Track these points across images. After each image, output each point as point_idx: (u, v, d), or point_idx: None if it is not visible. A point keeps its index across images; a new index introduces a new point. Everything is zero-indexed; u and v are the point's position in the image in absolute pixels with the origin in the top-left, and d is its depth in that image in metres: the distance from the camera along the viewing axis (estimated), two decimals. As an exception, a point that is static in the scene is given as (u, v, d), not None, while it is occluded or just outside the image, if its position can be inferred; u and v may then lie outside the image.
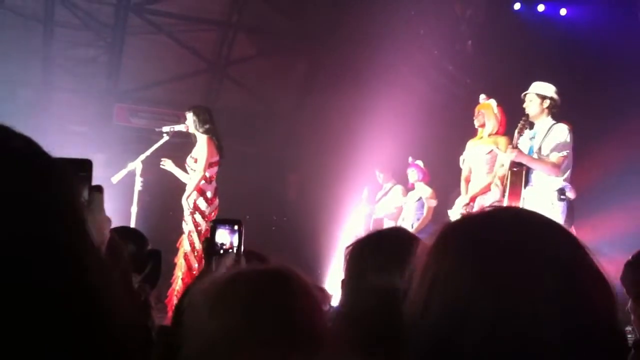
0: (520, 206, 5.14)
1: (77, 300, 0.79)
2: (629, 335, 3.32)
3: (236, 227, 1.92)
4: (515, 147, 5.18)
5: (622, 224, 6.91)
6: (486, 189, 6.05)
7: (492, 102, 6.33)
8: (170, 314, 4.99)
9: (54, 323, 0.76)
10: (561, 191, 5.15)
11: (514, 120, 5.92)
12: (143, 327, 1.58)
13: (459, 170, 6.51)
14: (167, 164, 6.45)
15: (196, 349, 1.18)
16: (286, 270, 1.29)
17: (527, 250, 0.91)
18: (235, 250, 1.90)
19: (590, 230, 6.24)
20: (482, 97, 6.48)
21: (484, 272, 0.90)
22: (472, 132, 6.52)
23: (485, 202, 6.01)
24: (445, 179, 7.95)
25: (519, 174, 5.22)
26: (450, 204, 6.68)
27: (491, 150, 6.08)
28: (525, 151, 5.27)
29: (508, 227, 0.95)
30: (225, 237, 1.89)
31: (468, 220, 1.03)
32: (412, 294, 0.97)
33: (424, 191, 7.68)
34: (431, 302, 0.91)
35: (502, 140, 6.06)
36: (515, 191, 5.22)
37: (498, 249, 0.91)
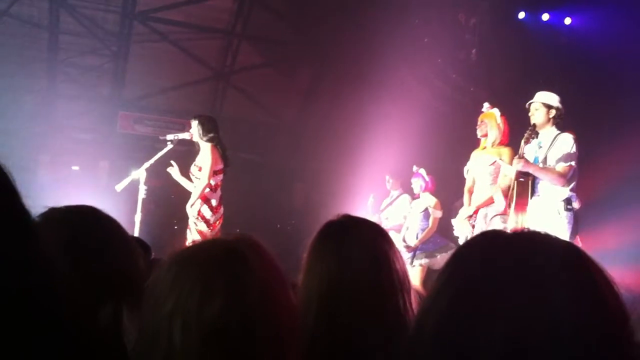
0: (529, 220, 5.13)
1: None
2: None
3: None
4: (522, 157, 5.16)
5: (626, 234, 6.89)
6: (490, 200, 6.02)
7: (496, 112, 6.31)
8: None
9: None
10: (567, 201, 5.12)
11: (517, 129, 5.91)
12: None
13: (463, 179, 6.49)
14: (173, 172, 6.44)
15: (154, 326, 1.16)
16: (248, 245, 1.25)
17: (543, 278, 0.90)
18: None
19: (594, 240, 6.22)
20: (486, 105, 6.46)
21: (496, 298, 0.89)
22: (476, 141, 6.50)
23: (489, 213, 5.98)
24: (449, 187, 7.92)
25: (526, 185, 5.20)
26: (453, 214, 6.66)
27: (494, 162, 6.05)
28: (531, 160, 5.25)
29: (525, 254, 0.94)
30: None
31: (484, 242, 1.00)
32: (422, 313, 0.97)
33: (429, 201, 7.65)
34: (450, 321, 0.91)
35: (506, 151, 6.04)
36: (521, 201, 5.19)
37: (513, 276, 0.90)
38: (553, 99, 5.35)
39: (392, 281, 1.79)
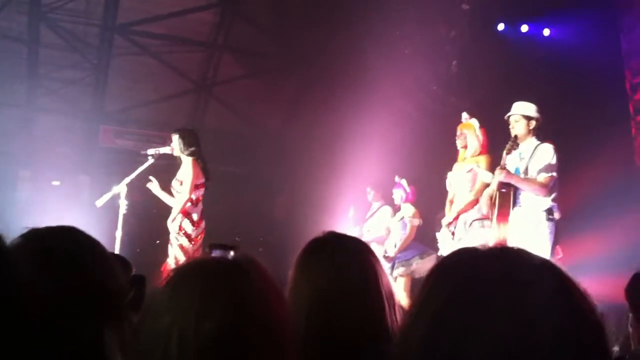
0: (511, 230, 5.16)
1: None
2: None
3: (232, 253, 1.92)
4: (504, 168, 5.18)
5: (605, 243, 6.95)
6: (469, 206, 6.08)
7: (474, 122, 6.36)
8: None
9: None
10: (549, 211, 5.16)
11: (497, 139, 5.96)
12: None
13: (445, 189, 6.53)
14: (153, 187, 6.40)
15: (150, 341, 1.16)
16: (246, 262, 1.26)
17: (524, 293, 0.91)
18: None
19: (572, 250, 6.27)
20: (464, 115, 6.50)
21: (474, 312, 0.90)
22: (456, 151, 6.54)
23: (468, 219, 6.04)
24: (431, 197, 7.95)
25: (507, 196, 5.23)
26: (436, 224, 6.69)
27: (471, 169, 6.13)
28: (512, 170, 5.29)
29: (505, 269, 0.94)
30: None
31: (465, 257, 1.01)
32: (406, 328, 0.98)
33: (406, 211, 7.68)
34: (431, 338, 0.92)
35: (483, 158, 6.13)
36: (503, 212, 5.22)
37: (495, 291, 0.91)
38: (531, 109, 5.39)
39: (380, 296, 1.80)
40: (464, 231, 6.02)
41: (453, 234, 6.08)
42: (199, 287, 1.19)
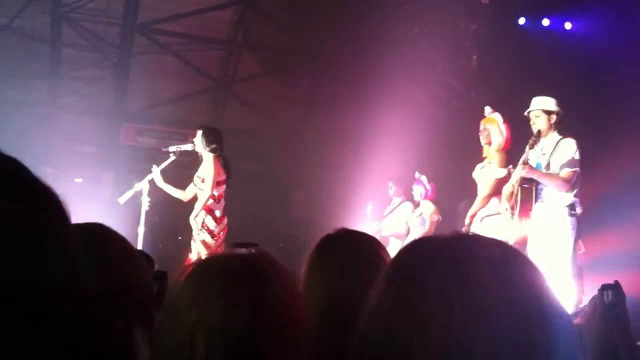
0: (533, 225, 5.14)
1: None
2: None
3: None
4: (526, 163, 5.15)
5: (627, 238, 6.87)
6: (484, 202, 6.11)
7: (498, 117, 6.32)
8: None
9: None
10: (571, 207, 5.12)
11: (519, 134, 5.92)
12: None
13: (464, 184, 6.53)
14: (156, 177, 6.40)
15: (176, 339, 1.18)
16: (265, 259, 1.28)
17: (477, 278, 0.92)
18: None
19: (597, 245, 6.21)
20: (487, 109, 6.46)
21: (429, 297, 0.91)
22: (477, 146, 6.51)
23: (482, 214, 6.08)
24: (450, 192, 7.93)
25: (530, 191, 5.20)
26: (458, 217, 6.69)
27: (484, 166, 6.17)
28: (533, 165, 5.25)
29: (459, 255, 0.96)
30: None
31: (418, 245, 1.03)
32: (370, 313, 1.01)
33: (426, 207, 7.66)
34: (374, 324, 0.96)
35: (496, 154, 6.15)
36: (525, 207, 5.20)
37: (444, 278, 0.92)
38: (551, 103, 5.34)
39: None
40: (478, 226, 6.04)
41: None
42: (223, 285, 1.20)
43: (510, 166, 5.77)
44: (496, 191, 6.08)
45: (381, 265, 1.82)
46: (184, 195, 6.43)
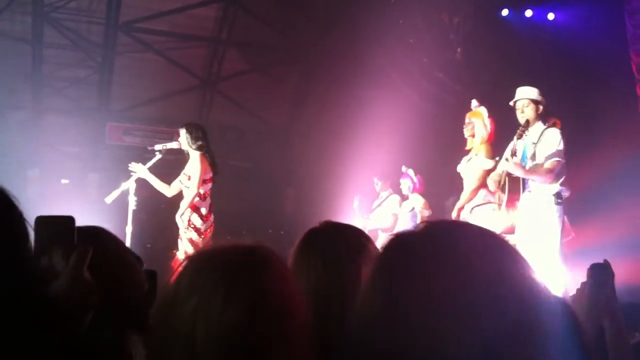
0: (520, 215, 5.17)
1: None
2: None
3: None
4: (514, 154, 5.15)
5: (613, 227, 6.93)
6: (472, 195, 6.14)
7: (483, 111, 6.35)
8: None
9: None
10: (558, 195, 5.16)
11: (503, 126, 5.95)
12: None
13: (451, 177, 6.56)
14: (138, 169, 6.37)
15: (173, 327, 1.17)
16: (265, 249, 1.28)
17: (467, 263, 0.92)
18: None
19: (584, 233, 6.26)
20: (474, 103, 6.50)
21: (417, 285, 0.92)
22: (463, 139, 6.54)
23: (471, 205, 6.11)
24: (439, 186, 7.95)
25: (517, 180, 5.24)
26: (445, 212, 6.71)
27: (471, 158, 6.19)
28: (520, 154, 5.27)
29: (450, 243, 0.96)
30: None
31: (401, 238, 1.03)
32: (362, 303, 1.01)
33: (416, 202, 7.67)
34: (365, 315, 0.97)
35: (482, 147, 6.19)
36: (513, 197, 5.24)
37: (443, 261, 0.93)
38: (536, 93, 5.37)
39: None
40: (468, 218, 6.07)
41: None
42: (223, 272, 1.20)
43: (497, 157, 5.80)
44: (484, 183, 6.14)
45: (367, 258, 1.82)
46: (168, 190, 6.39)
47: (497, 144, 6.10)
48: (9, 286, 0.87)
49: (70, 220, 1.47)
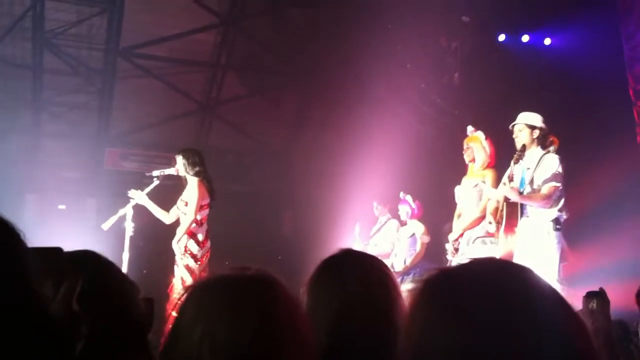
0: (519, 241, 5.14)
1: None
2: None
3: None
4: (512, 179, 5.15)
5: (612, 250, 6.91)
6: (475, 223, 6.06)
7: (480, 135, 6.34)
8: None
9: None
10: (556, 221, 5.14)
11: (502, 149, 5.94)
12: None
13: (449, 202, 6.51)
14: (137, 196, 6.34)
15: (183, 353, 1.17)
16: (269, 276, 1.29)
17: (507, 308, 0.90)
18: None
19: (583, 257, 6.23)
20: (470, 128, 6.49)
21: (464, 329, 0.89)
22: (461, 164, 6.52)
23: (472, 236, 6.02)
24: (436, 211, 7.92)
25: (515, 206, 5.22)
26: (443, 236, 6.67)
27: (477, 184, 6.12)
28: (518, 180, 5.26)
29: (488, 284, 0.93)
30: None
31: (447, 275, 1.00)
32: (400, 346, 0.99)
33: (416, 228, 7.64)
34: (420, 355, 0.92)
35: (489, 173, 6.11)
36: (511, 223, 5.21)
37: (479, 306, 0.90)
38: (536, 119, 5.39)
39: (399, 313, 1.78)
40: (467, 247, 6.01)
41: (456, 250, 6.08)
42: (228, 299, 1.21)
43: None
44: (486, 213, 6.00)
45: (386, 287, 1.83)
46: (167, 217, 6.37)
47: (498, 168, 6.05)
48: (16, 302, 0.88)
49: (58, 251, 1.50)
